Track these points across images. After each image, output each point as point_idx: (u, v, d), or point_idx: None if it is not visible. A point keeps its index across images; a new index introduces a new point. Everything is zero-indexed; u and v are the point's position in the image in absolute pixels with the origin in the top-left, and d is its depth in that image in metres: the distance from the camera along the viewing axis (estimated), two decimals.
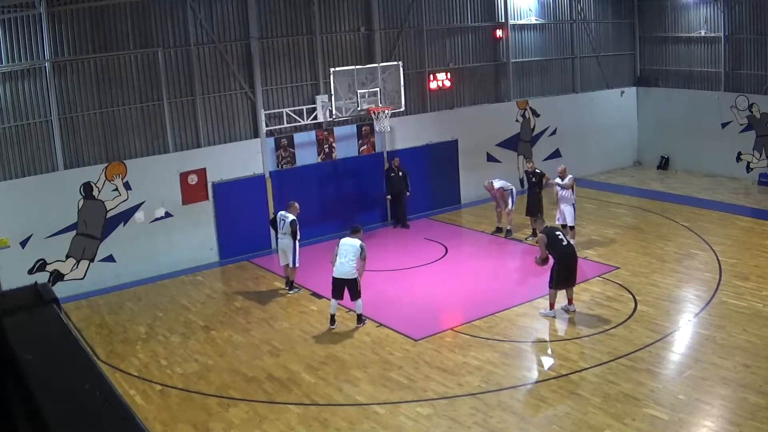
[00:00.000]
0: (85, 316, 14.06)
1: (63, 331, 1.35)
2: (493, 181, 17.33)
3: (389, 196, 18.59)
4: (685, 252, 15.51)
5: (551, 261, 12.25)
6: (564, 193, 15.79)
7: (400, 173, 18.34)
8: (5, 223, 14.35)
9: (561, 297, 12.49)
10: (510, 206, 17.09)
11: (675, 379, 10.08)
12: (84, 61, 15.25)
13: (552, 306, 12.41)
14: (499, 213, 17.57)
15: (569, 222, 15.73)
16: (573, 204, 15.82)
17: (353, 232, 12.64)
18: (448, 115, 20.38)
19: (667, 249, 15.78)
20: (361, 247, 12.28)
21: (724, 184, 21.22)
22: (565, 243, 12.36)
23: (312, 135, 18.20)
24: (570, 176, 15.82)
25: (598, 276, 14.25)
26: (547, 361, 11.13)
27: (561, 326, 12.18)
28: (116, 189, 15.68)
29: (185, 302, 14.56)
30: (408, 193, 18.50)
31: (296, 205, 14.51)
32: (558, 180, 15.92)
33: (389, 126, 17.86)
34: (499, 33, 21.28)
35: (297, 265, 14.36)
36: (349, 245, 12.30)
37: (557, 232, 12.52)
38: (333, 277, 12.38)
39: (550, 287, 12.29)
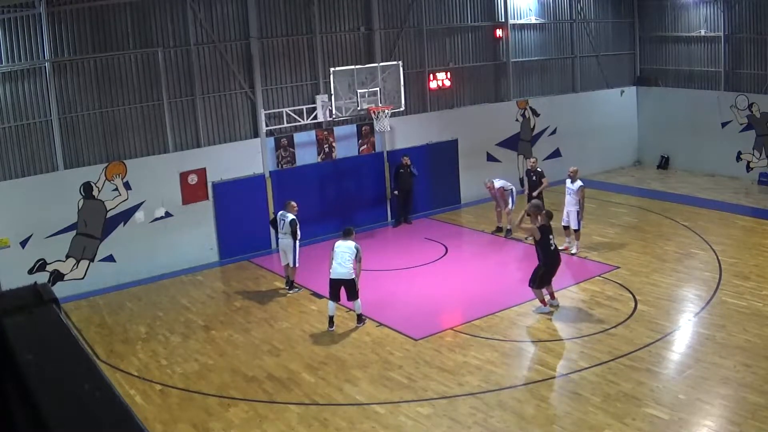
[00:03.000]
0: (85, 316, 14.05)
1: (63, 331, 1.35)
2: (494, 180, 17.31)
3: (396, 192, 18.68)
4: (685, 251, 15.51)
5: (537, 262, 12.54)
6: (569, 197, 15.68)
7: (409, 169, 18.44)
8: (5, 223, 14.35)
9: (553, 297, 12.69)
10: (510, 206, 17.07)
11: (675, 378, 10.08)
12: (84, 61, 15.25)
13: (543, 302, 12.54)
14: (499, 213, 17.56)
15: (573, 225, 15.65)
16: (578, 210, 15.53)
17: (346, 235, 12.60)
18: (448, 115, 20.38)
19: (667, 248, 15.78)
20: (356, 248, 12.30)
21: (724, 183, 21.21)
22: (552, 248, 12.56)
23: (312, 135, 18.20)
24: (580, 184, 15.61)
25: (598, 275, 14.26)
26: (547, 361, 11.12)
27: (561, 326, 12.18)
28: (116, 189, 15.68)
29: (185, 302, 14.56)
30: (416, 173, 18.58)
31: (293, 203, 14.51)
32: (568, 182, 15.80)
33: (389, 126, 17.87)
34: (499, 33, 21.27)
35: (297, 264, 14.36)
36: (344, 247, 12.32)
37: (550, 236, 12.60)
38: (330, 279, 12.38)
39: (533, 287, 12.51)
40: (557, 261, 12.63)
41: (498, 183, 17.18)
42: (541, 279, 12.43)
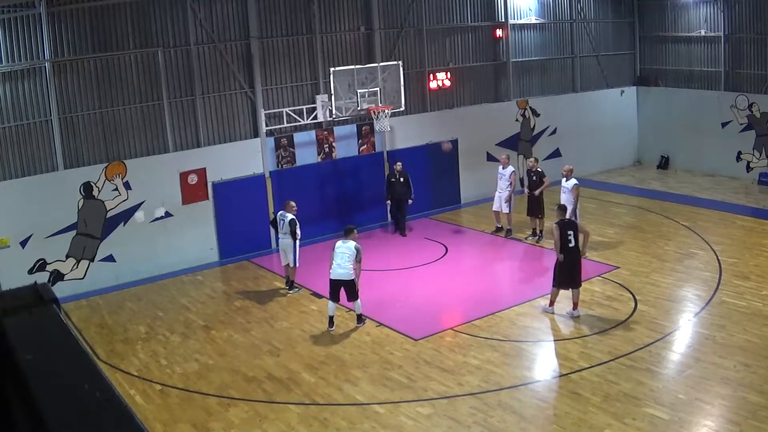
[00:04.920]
0: (85, 316, 14.05)
1: (63, 331, 1.35)
2: (510, 165, 17.46)
3: (389, 201, 18.05)
4: (685, 251, 15.51)
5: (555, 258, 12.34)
6: (565, 195, 15.67)
7: (402, 179, 17.67)
8: (5, 223, 14.35)
9: (566, 300, 12.47)
10: (511, 201, 17.01)
11: (675, 378, 10.08)
12: (84, 61, 15.25)
13: (552, 303, 12.48)
14: (497, 213, 17.51)
15: None
16: (574, 209, 15.49)
17: (347, 233, 12.59)
18: (448, 115, 20.38)
19: (667, 248, 15.78)
20: (357, 249, 12.28)
21: (724, 183, 21.22)
22: (572, 245, 12.16)
23: (312, 135, 18.20)
24: (575, 182, 15.58)
25: (598, 275, 14.25)
26: (547, 361, 11.13)
27: (561, 326, 12.18)
28: (116, 189, 15.68)
29: (185, 302, 14.56)
30: (411, 201, 17.79)
31: (292, 203, 14.50)
32: (563, 180, 15.80)
33: (389, 126, 17.86)
34: (499, 32, 21.28)
35: (297, 264, 14.37)
36: (345, 248, 12.30)
37: (569, 231, 12.24)
38: (330, 279, 12.38)
39: (553, 285, 12.41)
40: (573, 258, 12.15)
41: (512, 168, 17.32)
42: (559, 277, 12.18)
